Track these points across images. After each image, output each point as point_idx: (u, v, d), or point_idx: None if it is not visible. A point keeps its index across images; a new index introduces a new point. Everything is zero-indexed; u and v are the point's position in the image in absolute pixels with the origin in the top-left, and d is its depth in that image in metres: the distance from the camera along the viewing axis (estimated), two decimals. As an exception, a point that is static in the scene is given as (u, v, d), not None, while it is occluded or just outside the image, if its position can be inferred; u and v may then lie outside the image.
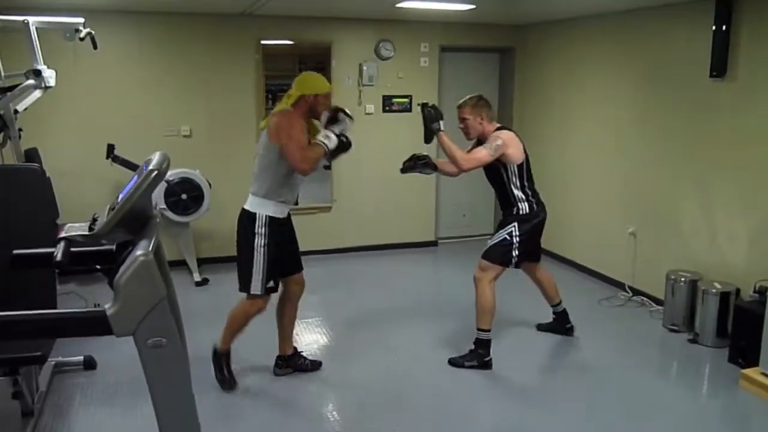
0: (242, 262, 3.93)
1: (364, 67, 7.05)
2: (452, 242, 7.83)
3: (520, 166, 4.40)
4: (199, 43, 6.49)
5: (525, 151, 4.43)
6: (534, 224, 4.49)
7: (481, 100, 4.43)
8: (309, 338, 5.09)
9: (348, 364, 4.62)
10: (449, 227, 7.86)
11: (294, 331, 4.46)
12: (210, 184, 6.16)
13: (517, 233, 4.42)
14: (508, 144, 4.31)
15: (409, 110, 7.31)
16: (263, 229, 3.88)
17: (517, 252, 4.43)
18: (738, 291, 4.80)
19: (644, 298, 5.77)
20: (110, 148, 5.78)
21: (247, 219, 3.92)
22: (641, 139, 5.83)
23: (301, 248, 7.00)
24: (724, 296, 4.79)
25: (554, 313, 5.02)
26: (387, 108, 7.25)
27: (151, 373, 2.01)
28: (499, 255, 4.43)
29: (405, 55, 7.19)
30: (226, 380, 4.17)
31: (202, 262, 6.50)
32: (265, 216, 3.90)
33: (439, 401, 4.08)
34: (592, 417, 3.86)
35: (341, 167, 7.20)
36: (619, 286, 6.06)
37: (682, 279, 5.13)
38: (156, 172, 2.13)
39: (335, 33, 6.94)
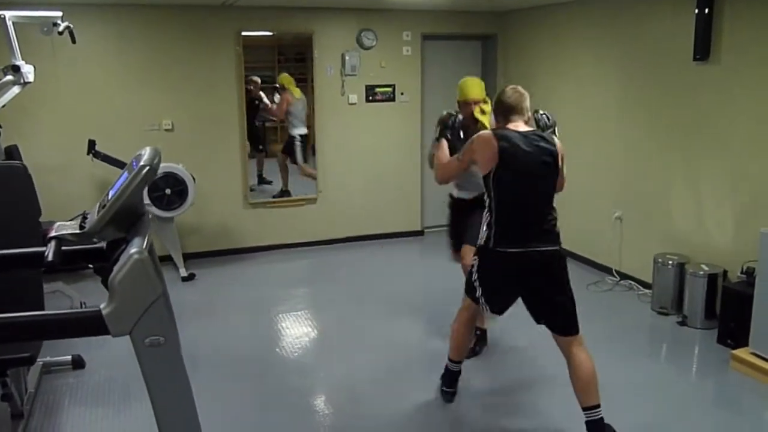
0: None
1: (347, 57, 7.00)
2: (438, 231, 7.80)
3: (486, 177, 3.31)
4: (179, 35, 6.40)
5: (503, 164, 3.22)
6: (492, 266, 3.39)
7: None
8: (298, 331, 5.06)
9: (339, 356, 4.60)
10: (435, 216, 7.81)
11: None
12: (194, 178, 6.09)
13: (476, 266, 3.48)
14: (475, 149, 3.34)
15: (393, 99, 7.27)
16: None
17: (480, 291, 3.45)
18: (725, 272, 4.84)
19: (632, 282, 5.80)
20: (91, 143, 5.70)
21: None
22: (626, 124, 5.84)
23: (288, 240, 7.06)
24: (711, 278, 4.83)
25: (586, 422, 3.30)
26: (370, 98, 7.20)
27: (149, 372, 1.97)
28: (468, 285, 3.58)
29: (387, 44, 7.15)
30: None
31: (188, 257, 6.43)
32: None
33: (429, 393, 4.06)
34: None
35: (326, 158, 7.17)
36: (607, 270, 6.09)
37: (670, 262, 5.16)
38: (148, 168, 2.09)
39: (316, 23, 6.87)
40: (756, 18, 4.59)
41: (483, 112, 4.20)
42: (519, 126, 3.33)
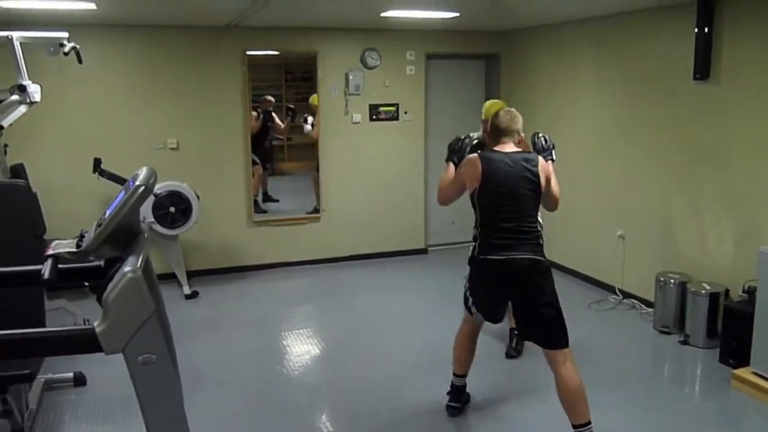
0: None
1: (350, 77, 7.05)
2: (442, 249, 7.83)
3: (471, 195, 3.59)
4: (185, 55, 6.48)
5: (485, 180, 3.46)
6: (477, 274, 3.61)
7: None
8: (301, 349, 5.07)
9: (342, 374, 4.61)
10: (439, 234, 7.85)
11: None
12: (198, 197, 6.13)
13: (468, 276, 3.72)
14: (464, 171, 3.59)
15: (397, 118, 7.32)
16: None
17: (471, 300, 3.67)
18: (727, 291, 4.83)
19: (634, 301, 5.78)
20: (97, 162, 5.75)
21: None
22: (628, 143, 5.86)
23: (291, 258, 7.10)
24: (713, 297, 4.82)
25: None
26: (374, 117, 7.25)
27: (142, 390, 1.99)
28: (464, 297, 3.76)
29: (391, 63, 7.21)
30: None
31: (191, 274, 6.47)
32: None
33: (434, 410, 4.05)
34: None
35: (330, 176, 7.21)
36: (609, 289, 6.07)
37: (672, 281, 5.15)
38: (143, 188, 2.12)
39: (321, 42, 6.94)
40: (755, 38, 4.61)
41: None
42: (507, 147, 3.56)
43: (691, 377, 4.65)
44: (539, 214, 3.72)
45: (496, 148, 3.56)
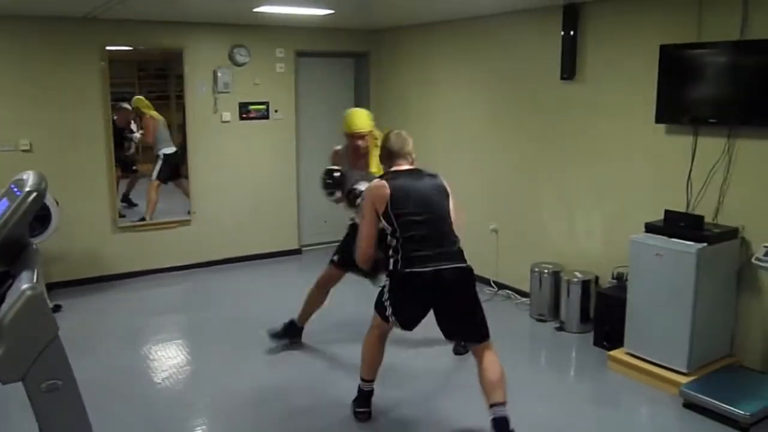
0: None
1: (219, 74, 6.81)
2: (316, 249, 7.75)
3: (384, 215, 3.53)
4: (38, 48, 5.96)
5: (394, 195, 3.49)
6: (404, 288, 3.53)
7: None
8: (176, 361, 4.81)
9: (229, 384, 4.40)
10: (312, 234, 7.77)
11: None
12: (57, 203, 5.66)
13: (388, 287, 3.62)
14: (373, 199, 3.55)
15: (267, 117, 7.16)
16: None
17: (390, 310, 3.57)
18: (597, 278, 5.13)
19: (509, 292, 6.01)
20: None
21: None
22: (498, 139, 6.07)
23: (162, 264, 6.76)
24: (585, 284, 5.10)
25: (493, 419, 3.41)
26: (244, 115, 7.05)
27: (47, 421, 1.78)
28: (379, 305, 3.67)
29: (260, 60, 7.04)
30: None
31: (52, 286, 5.95)
32: None
33: (320, 416, 3.98)
34: (468, 408, 3.89)
35: (199, 178, 6.93)
36: (485, 281, 6.25)
37: (545, 271, 5.40)
38: (35, 194, 1.91)
39: (187, 38, 6.64)
40: (613, 40, 4.94)
41: (376, 145, 4.33)
42: (403, 166, 3.70)
43: (568, 361, 4.87)
44: None
45: (393, 169, 3.66)
